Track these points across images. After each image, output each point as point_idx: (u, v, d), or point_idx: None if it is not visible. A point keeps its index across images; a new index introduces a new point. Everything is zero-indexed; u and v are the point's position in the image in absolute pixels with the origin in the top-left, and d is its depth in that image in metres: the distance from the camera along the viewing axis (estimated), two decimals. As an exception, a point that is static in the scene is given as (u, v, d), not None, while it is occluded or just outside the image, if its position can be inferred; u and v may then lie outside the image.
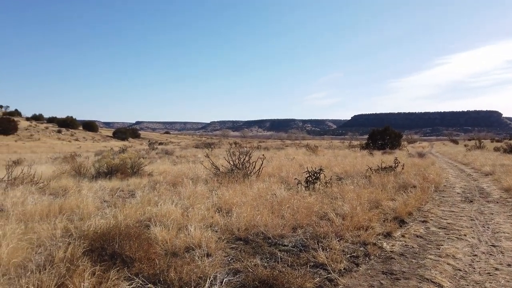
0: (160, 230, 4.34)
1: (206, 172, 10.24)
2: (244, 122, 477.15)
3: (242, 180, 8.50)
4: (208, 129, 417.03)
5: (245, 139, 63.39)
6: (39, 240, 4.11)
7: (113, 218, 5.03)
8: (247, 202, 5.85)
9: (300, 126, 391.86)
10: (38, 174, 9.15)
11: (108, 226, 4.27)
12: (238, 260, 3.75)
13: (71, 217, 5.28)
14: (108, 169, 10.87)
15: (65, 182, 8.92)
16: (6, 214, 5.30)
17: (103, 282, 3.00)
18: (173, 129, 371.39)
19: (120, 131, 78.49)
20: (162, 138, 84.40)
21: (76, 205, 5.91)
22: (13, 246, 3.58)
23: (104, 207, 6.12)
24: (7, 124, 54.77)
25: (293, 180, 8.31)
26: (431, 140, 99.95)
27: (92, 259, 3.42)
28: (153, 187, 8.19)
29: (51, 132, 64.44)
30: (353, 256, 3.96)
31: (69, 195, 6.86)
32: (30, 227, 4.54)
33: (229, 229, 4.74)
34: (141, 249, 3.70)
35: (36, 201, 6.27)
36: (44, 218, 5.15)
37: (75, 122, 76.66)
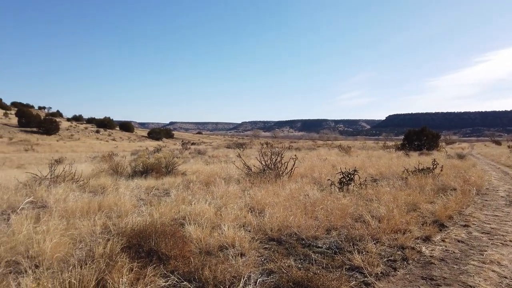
0: (195, 229, 4.40)
1: (238, 172, 10.29)
2: (275, 123, 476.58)
3: (274, 181, 8.48)
4: (239, 130, 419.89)
5: (276, 139, 63.30)
6: (80, 236, 4.27)
7: (149, 216, 5.16)
8: (279, 203, 5.82)
9: (332, 127, 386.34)
10: (78, 173, 9.54)
11: (145, 223, 4.38)
12: (271, 260, 3.73)
13: (109, 214, 5.46)
14: (144, 168, 11.17)
15: (103, 180, 9.25)
16: (50, 210, 5.55)
17: (141, 278, 3.07)
18: (205, 130, 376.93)
19: (155, 131, 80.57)
20: (195, 138, 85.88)
21: (114, 202, 6.11)
22: (56, 241, 3.73)
23: (140, 205, 6.29)
24: (50, 125, 57.59)
25: (326, 181, 8.19)
26: (471, 141, 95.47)
27: (130, 256, 3.51)
28: (186, 186, 8.32)
29: (90, 132, 67.14)
30: (391, 260, 3.84)
31: (107, 193, 7.10)
32: (71, 223, 4.72)
33: (262, 229, 4.73)
34: (176, 247, 3.76)
35: (76, 198, 6.54)
36: (84, 214, 5.35)
37: (112, 122, 79.51)
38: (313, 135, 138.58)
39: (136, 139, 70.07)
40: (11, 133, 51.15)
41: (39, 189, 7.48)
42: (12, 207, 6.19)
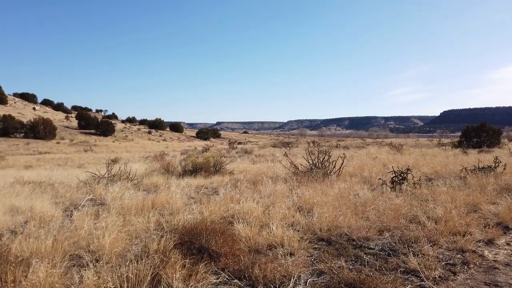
0: (243, 227, 4.43)
1: (285, 171, 10.25)
2: (322, 121, 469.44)
3: (322, 180, 8.34)
4: (285, 128, 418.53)
5: (323, 138, 62.37)
6: (135, 232, 4.47)
7: (199, 214, 5.28)
8: (328, 202, 5.71)
9: (381, 124, 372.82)
10: (132, 172, 10.02)
11: (195, 221, 4.50)
12: (321, 261, 3.67)
13: (162, 211, 5.67)
14: (193, 167, 11.49)
15: (156, 179, 9.63)
16: (108, 207, 5.88)
17: (193, 274, 3.15)
18: (251, 129, 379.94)
19: (202, 131, 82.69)
20: (241, 137, 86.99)
21: (166, 200, 6.33)
22: (114, 237, 3.93)
23: (191, 203, 6.46)
24: (106, 127, 61.06)
25: (377, 180, 7.91)
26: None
27: (182, 252, 3.62)
28: (234, 185, 8.43)
29: (143, 133, 70.29)
30: (449, 264, 3.62)
31: (159, 192, 7.37)
32: (127, 220, 4.96)
33: (311, 229, 4.67)
34: (226, 245, 3.81)
35: (132, 196, 6.86)
36: (139, 212, 5.60)
37: (163, 123, 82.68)
38: (362, 133, 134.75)
39: (185, 139, 72.30)
40: (72, 135, 54.90)
41: (98, 187, 7.95)
42: (74, 204, 6.63)
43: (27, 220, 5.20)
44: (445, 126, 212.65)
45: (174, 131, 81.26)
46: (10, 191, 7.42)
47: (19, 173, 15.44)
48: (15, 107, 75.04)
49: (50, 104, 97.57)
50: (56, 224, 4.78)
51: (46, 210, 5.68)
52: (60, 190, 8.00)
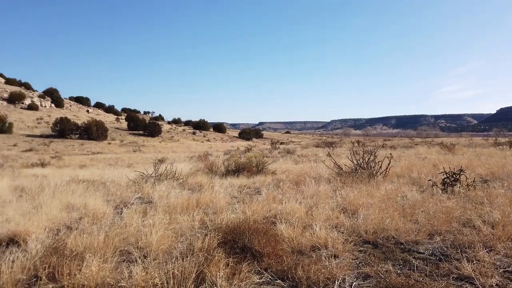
0: (286, 228, 4.40)
1: (328, 171, 10.08)
2: (367, 120, 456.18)
3: (367, 181, 8.10)
4: (328, 128, 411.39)
5: (368, 137, 60.61)
6: (181, 230, 4.59)
7: (242, 214, 5.32)
8: (374, 204, 5.53)
9: (431, 123, 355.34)
10: (178, 171, 10.32)
11: (238, 221, 4.53)
12: (367, 264, 3.55)
13: (206, 210, 5.79)
14: (236, 167, 11.62)
15: (200, 178, 9.85)
16: (155, 205, 6.09)
17: (236, 273, 3.17)
18: (293, 129, 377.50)
19: (245, 131, 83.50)
20: (283, 137, 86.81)
21: (210, 200, 6.45)
22: (161, 234, 4.06)
23: (234, 203, 6.53)
24: (154, 128, 63.45)
25: (427, 182, 7.55)
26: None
27: (226, 251, 3.66)
28: (277, 185, 8.41)
29: (188, 134, 72.29)
30: (508, 271, 3.36)
31: (204, 191, 7.52)
32: (173, 218, 5.10)
33: (356, 231, 4.54)
34: (269, 245, 3.81)
35: (177, 195, 7.06)
36: (184, 210, 5.74)
37: (207, 124, 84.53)
38: (410, 132, 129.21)
39: (228, 139, 73.42)
40: (122, 136, 57.59)
41: (146, 186, 8.26)
42: (124, 202, 6.93)
43: (82, 217, 5.51)
44: (502, 125, 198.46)
45: (218, 131, 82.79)
46: (66, 189, 7.89)
47: (74, 172, 16.44)
48: (71, 110, 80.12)
49: (102, 106, 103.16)
50: (108, 221, 5.02)
51: (98, 207, 5.99)
52: (111, 189, 8.40)
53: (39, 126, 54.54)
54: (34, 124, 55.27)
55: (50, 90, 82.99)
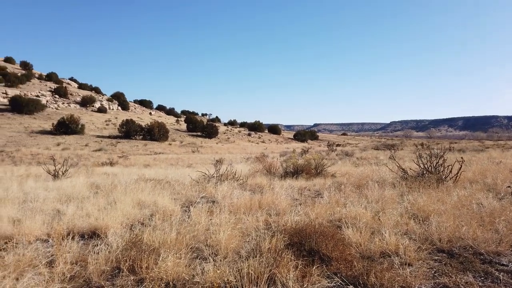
0: (353, 232, 4.31)
1: (392, 175, 9.67)
2: (430, 121, 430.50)
3: (435, 186, 7.66)
4: (388, 130, 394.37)
5: (432, 139, 57.26)
6: (246, 230, 4.68)
7: (305, 216, 5.30)
8: (446, 211, 5.21)
9: (504, 124, 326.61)
10: (237, 172, 10.52)
11: (303, 223, 4.52)
12: (444, 274, 3.36)
13: (269, 211, 5.83)
14: (294, 169, 11.59)
15: (259, 179, 9.96)
16: (219, 205, 6.27)
17: (306, 276, 3.16)
18: (350, 130, 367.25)
19: (300, 133, 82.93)
20: (340, 139, 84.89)
21: (272, 201, 6.49)
22: (229, 233, 4.16)
23: (296, 205, 6.52)
24: (211, 129, 65.29)
25: (505, 189, 6.97)
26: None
27: (293, 253, 3.66)
28: (338, 188, 8.25)
29: (243, 135, 73.44)
30: None
31: (264, 192, 7.60)
32: (238, 218, 5.21)
33: (429, 239, 4.31)
34: (337, 249, 3.75)
35: (239, 196, 7.20)
36: (247, 211, 5.84)
37: (262, 126, 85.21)
38: (479, 135, 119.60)
39: (283, 141, 73.41)
40: (181, 137, 59.97)
41: (208, 186, 8.53)
42: (189, 200, 7.21)
43: (152, 214, 5.83)
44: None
45: (272, 133, 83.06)
46: (136, 187, 8.38)
47: (140, 171, 17.45)
48: (135, 112, 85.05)
49: (163, 109, 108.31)
50: (177, 218, 5.26)
51: (166, 205, 6.30)
52: (176, 187, 8.79)
53: (107, 127, 58.58)
54: (103, 126, 59.46)
55: (117, 94, 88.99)
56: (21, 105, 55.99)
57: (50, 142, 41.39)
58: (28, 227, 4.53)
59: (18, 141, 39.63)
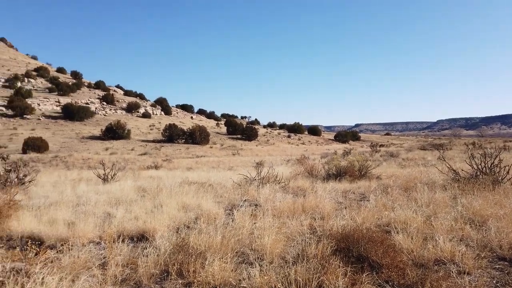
0: (404, 238, 4.11)
1: (442, 176, 9.19)
2: (481, 119, 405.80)
3: (491, 188, 7.17)
4: (435, 129, 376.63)
5: (484, 138, 53.99)
6: (291, 235, 4.61)
7: (351, 220, 5.14)
8: (506, 215, 4.85)
9: None
10: (278, 175, 10.45)
11: (350, 228, 4.37)
12: (507, 284, 3.12)
13: (313, 215, 5.72)
14: (337, 171, 11.33)
15: (301, 182, 9.83)
16: (262, 208, 6.24)
17: (356, 284, 3.05)
18: (394, 130, 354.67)
19: (341, 134, 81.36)
20: (383, 140, 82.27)
21: (315, 204, 6.37)
22: (273, 238, 4.12)
23: (340, 208, 6.35)
24: (250, 132, 65.72)
25: None
26: None
27: (341, 259, 3.55)
28: (384, 191, 7.95)
29: (283, 137, 73.18)
30: None
31: (307, 195, 7.48)
32: (281, 222, 5.16)
33: (488, 246, 4.02)
34: (387, 256, 3.59)
35: (281, 199, 7.13)
36: (291, 214, 5.77)
37: (301, 127, 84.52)
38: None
39: (323, 142, 72.38)
40: (221, 140, 60.88)
41: (250, 189, 8.54)
42: (232, 203, 7.25)
43: (197, 217, 5.91)
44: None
45: (312, 134, 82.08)
46: (180, 190, 8.56)
47: (183, 174, 17.85)
48: (177, 116, 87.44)
49: (203, 113, 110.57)
50: (221, 221, 5.29)
51: (210, 208, 6.37)
52: (219, 190, 8.88)
53: (152, 132, 60.67)
54: (147, 130, 61.67)
55: (160, 99, 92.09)
56: (72, 113, 59.49)
57: (99, 147, 43.53)
58: (81, 230, 4.74)
59: (70, 147, 42.05)
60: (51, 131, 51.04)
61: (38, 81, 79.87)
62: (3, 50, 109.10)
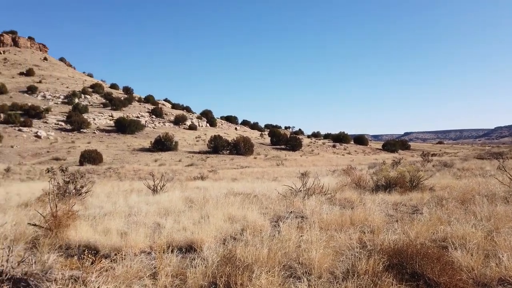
0: (462, 254, 3.84)
1: (504, 188, 8.53)
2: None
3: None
4: (492, 136, 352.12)
5: (549, 146, 49.65)
6: (339, 249, 4.47)
7: (404, 235, 4.89)
8: None
9: None
10: (324, 186, 10.25)
11: (402, 242, 4.16)
12: None
13: (362, 228, 5.52)
14: (386, 182, 10.90)
15: (348, 194, 9.57)
16: (308, 221, 6.12)
17: (412, 303, 2.88)
18: (447, 138, 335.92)
19: (389, 143, 78.46)
20: (435, 148, 78.22)
21: (364, 217, 6.15)
22: (321, 252, 4.01)
23: (391, 222, 6.08)
24: (295, 142, 65.36)
25: None
26: None
27: (394, 276, 3.38)
28: (438, 203, 7.51)
29: (327, 147, 72.01)
30: None
31: (355, 207, 7.25)
32: (329, 235, 5.02)
33: (562, 266, 3.64)
34: (445, 274, 3.37)
35: (328, 211, 6.96)
36: (338, 227, 5.60)
37: (347, 137, 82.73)
38: None
39: (370, 152, 70.22)
40: (265, 151, 61.04)
41: (296, 201, 8.44)
42: (277, 215, 7.20)
43: (243, 228, 5.91)
44: None
45: (359, 144, 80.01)
46: (226, 201, 8.64)
47: (228, 184, 18.06)
48: (222, 128, 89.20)
49: (247, 124, 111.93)
50: (267, 233, 5.25)
51: (256, 220, 6.35)
52: (264, 202, 8.86)
53: (197, 143, 62.28)
54: (194, 142, 63.40)
55: (205, 111, 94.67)
56: (124, 126, 62.72)
57: (149, 159, 45.35)
58: (133, 240, 4.92)
59: (122, 158, 44.22)
60: (105, 144, 54.06)
61: (94, 97, 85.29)
62: (63, 69, 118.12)
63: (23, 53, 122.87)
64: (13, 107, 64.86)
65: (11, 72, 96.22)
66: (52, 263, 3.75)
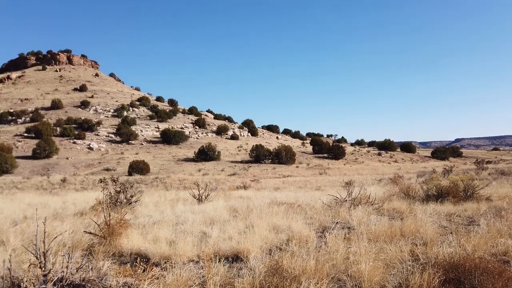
0: (528, 271, 3.55)
1: None
2: None
3: None
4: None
5: None
6: (390, 261, 4.29)
7: (460, 248, 4.62)
8: None
9: None
10: (371, 195, 9.93)
11: (459, 256, 3.94)
12: None
13: (413, 240, 5.28)
14: (438, 192, 10.38)
15: (397, 204, 9.20)
16: (355, 232, 5.96)
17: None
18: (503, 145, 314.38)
19: (439, 150, 74.68)
20: (490, 155, 73.46)
21: (415, 228, 5.88)
22: (371, 264, 3.88)
23: (445, 234, 5.77)
24: (337, 150, 64.18)
25: None
26: None
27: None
28: (497, 214, 7.04)
29: (372, 155, 69.93)
30: None
31: (405, 218, 6.96)
32: (378, 247, 4.85)
33: None
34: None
35: (376, 222, 6.74)
36: (388, 239, 5.40)
37: (393, 144, 79.99)
38: None
39: (418, 159, 67.30)
40: (307, 159, 60.46)
41: (341, 211, 8.25)
42: (323, 226, 7.07)
43: (288, 239, 5.86)
44: None
45: (406, 151, 76.99)
46: (270, 211, 8.63)
47: (271, 194, 18.02)
48: (263, 137, 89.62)
49: (288, 133, 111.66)
50: (313, 244, 5.18)
51: (301, 230, 6.27)
52: (308, 212, 8.74)
53: (239, 153, 62.98)
54: (236, 152, 64.19)
55: (246, 121, 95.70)
56: (169, 137, 64.92)
57: (193, 168, 46.47)
58: (181, 249, 5.03)
59: (167, 168, 45.66)
60: (152, 155, 56.16)
61: (141, 110, 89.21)
62: (112, 84, 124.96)
63: (77, 70, 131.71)
64: (68, 121, 69.53)
65: (66, 88, 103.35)
66: (106, 270, 3.93)
